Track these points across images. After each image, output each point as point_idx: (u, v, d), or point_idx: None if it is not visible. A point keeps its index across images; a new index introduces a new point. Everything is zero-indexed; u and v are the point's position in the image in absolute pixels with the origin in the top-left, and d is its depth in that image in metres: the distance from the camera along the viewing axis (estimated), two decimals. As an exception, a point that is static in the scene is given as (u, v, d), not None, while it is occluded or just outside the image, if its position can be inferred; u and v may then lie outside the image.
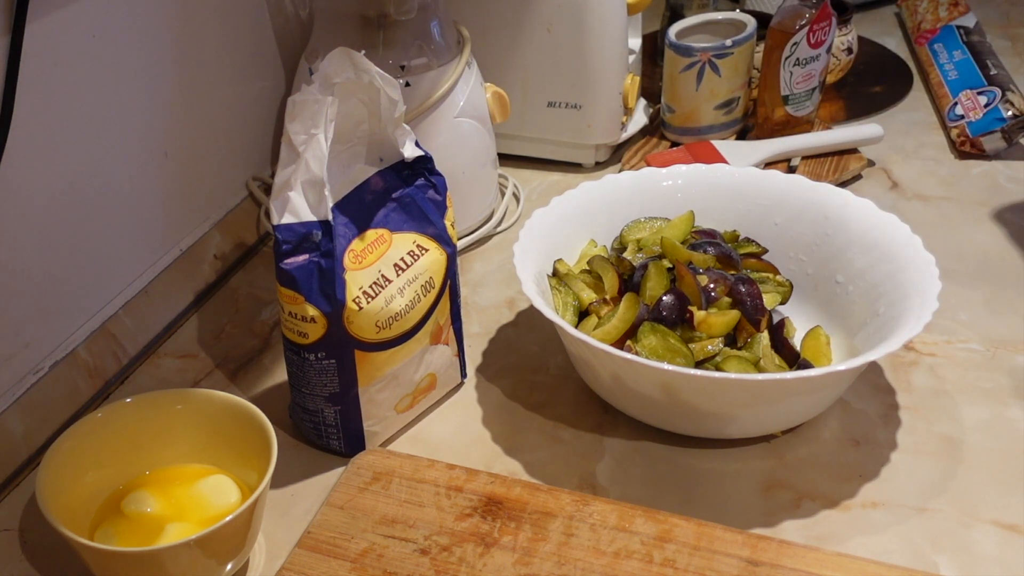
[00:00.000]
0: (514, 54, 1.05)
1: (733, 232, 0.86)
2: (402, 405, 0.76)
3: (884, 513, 0.70)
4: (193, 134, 0.92)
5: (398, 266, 0.72)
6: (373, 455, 0.74)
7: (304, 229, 0.68)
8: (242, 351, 0.87)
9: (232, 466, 0.69)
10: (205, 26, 0.91)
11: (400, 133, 0.73)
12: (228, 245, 0.97)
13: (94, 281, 0.82)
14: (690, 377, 0.68)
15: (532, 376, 0.83)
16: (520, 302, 0.91)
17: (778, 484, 0.72)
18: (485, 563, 0.65)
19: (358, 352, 0.70)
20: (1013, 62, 1.24)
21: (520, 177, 1.09)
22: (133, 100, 0.83)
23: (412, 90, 0.89)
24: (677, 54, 1.06)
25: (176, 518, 0.66)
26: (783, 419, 0.74)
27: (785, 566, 0.64)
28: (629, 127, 1.10)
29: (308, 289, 0.68)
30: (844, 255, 0.81)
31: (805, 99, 1.08)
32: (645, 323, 0.75)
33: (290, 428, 0.79)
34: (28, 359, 0.77)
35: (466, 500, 0.70)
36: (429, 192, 0.75)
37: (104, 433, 0.68)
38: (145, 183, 0.87)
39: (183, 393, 0.71)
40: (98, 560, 0.62)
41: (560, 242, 0.84)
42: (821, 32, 1.04)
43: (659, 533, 0.66)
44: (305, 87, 0.68)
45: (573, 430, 0.78)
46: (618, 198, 0.87)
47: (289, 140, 0.68)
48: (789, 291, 0.83)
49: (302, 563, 0.66)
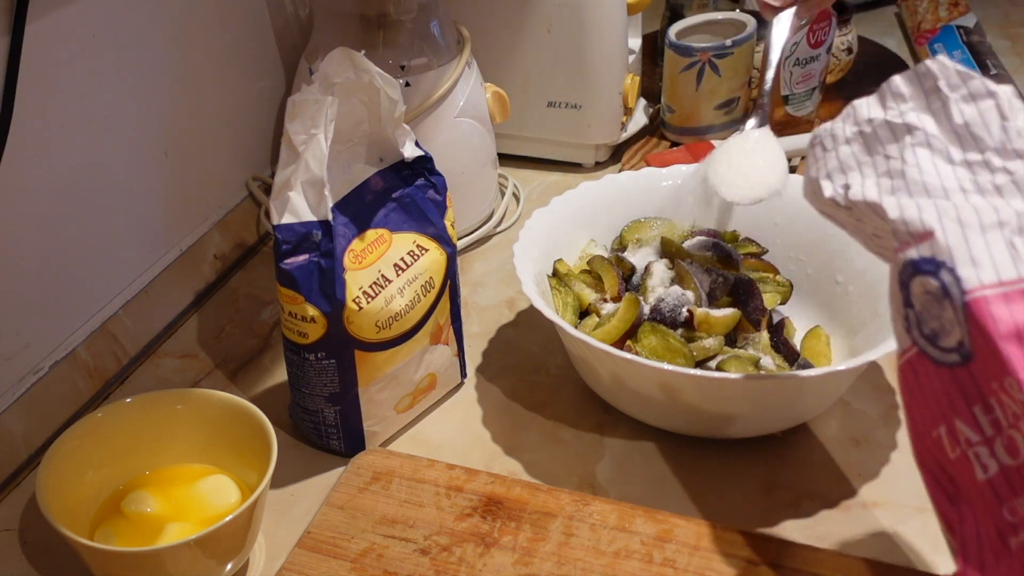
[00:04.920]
0: (514, 54, 1.05)
1: (733, 232, 0.86)
2: (402, 405, 0.76)
3: (884, 513, 0.70)
4: (193, 134, 0.92)
5: (398, 266, 0.72)
6: (373, 455, 0.74)
7: (304, 229, 0.68)
8: (242, 351, 0.87)
9: (232, 466, 0.69)
10: (205, 26, 0.91)
11: (400, 133, 0.73)
12: (228, 245, 0.97)
13: (94, 281, 0.82)
14: (690, 377, 0.68)
15: (532, 376, 0.83)
16: (520, 302, 0.91)
17: (778, 484, 0.72)
18: (485, 563, 0.65)
19: (358, 352, 0.70)
20: (1013, 62, 1.24)
21: (520, 177, 1.09)
22: (133, 100, 0.83)
23: (412, 90, 0.89)
24: (677, 54, 1.06)
25: (176, 518, 0.66)
26: (783, 419, 0.74)
27: (785, 566, 0.64)
28: (629, 127, 1.10)
29: (308, 289, 0.68)
30: (844, 255, 0.81)
31: (805, 99, 1.08)
32: (645, 323, 0.76)
33: (290, 428, 0.79)
34: (28, 359, 0.77)
35: (466, 500, 0.70)
36: (429, 192, 0.75)
37: (104, 433, 0.68)
38: (145, 183, 0.87)
39: (183, 393, 0.71)
40: (98, 560, 0.62)
41: (560, 242, 0.84)
42: (821, 32, 1.04)
43: (659, 533, 0.66)
44: (305, 87, 0.68)
45: (573, 430, 0.78)
46: (618, 198, 0.87)
47: (289, 140, 0.68)
48: (789, 291, 0.83)
49: (302, 563, 0.66)
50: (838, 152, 0.56)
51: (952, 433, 0.50)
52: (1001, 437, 0.48)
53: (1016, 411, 0.46)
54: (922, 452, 0.54)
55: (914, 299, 0.51)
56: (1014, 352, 0.46)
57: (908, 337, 0.52)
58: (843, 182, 0.56)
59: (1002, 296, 0.47)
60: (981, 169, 0.52)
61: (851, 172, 0.56)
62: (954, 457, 0.51)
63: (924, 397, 0.52)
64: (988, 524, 0.49)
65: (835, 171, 0.57)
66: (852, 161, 0.56)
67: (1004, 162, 0.51)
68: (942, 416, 0.51)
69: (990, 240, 0.48)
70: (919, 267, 0.50)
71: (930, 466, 0.53)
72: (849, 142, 0.56)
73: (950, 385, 0.50)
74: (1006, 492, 0.48)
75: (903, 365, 0.53)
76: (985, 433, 0.49)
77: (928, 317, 0.50)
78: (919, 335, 0.51)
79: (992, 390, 0.48)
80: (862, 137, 0.55)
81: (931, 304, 0.50)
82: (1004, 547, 0.48)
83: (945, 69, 0.53)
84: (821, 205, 0.58)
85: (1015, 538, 0.48)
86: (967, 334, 0.48)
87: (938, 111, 0.53)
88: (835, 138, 0.57)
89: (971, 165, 0.52)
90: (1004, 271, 0.47)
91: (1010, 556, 0.48)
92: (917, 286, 0.50)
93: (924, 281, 0.50)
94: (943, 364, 0.50)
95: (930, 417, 0.52)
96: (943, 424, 0.51)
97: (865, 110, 0.56)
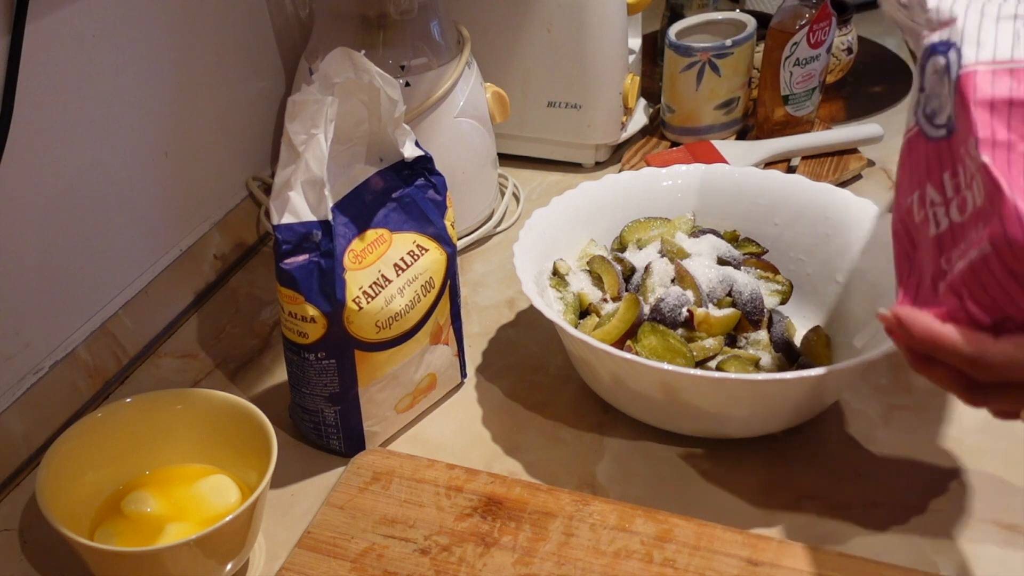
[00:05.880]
0: (514, 54, 1.05)
1: (733, 232, 0.86)
2: (402, 405, 0.76)
3: (884, 513, 0.70)
4: (193, 134, 0.92)
5: (398, 266, 0.72)
6: (373, 455, 0.74)
7: (304, 229, 0.68)
8: (242, 351, 0.87)
9: (232, 466, 0.69)
10: (205, 26, 0.91)
11: (400, 133, 0.73)
12: (228, 245, 0.97)
13: (94, 281, 0.82)
14: (690, 377, 0.68)
15: (532, 376, 0.83)
16: (520, 302, 0.91)
17: (778, 484, 0.72)
18: (485, 563, 0.65)
19: (358, 352, 0.70)
20: (1013, 62, 1.24)
21: (520, 177, 1.09)
22: (133, 100, 0.83)
23: (412, 90, 0.89)
24: (677, 54, 1.06)
25: (176, 518, 0.66)
26: (783, 419, 0.74)
27: (785, 566, 0.64)
28: (629, 127, 1.10)
29: (308, 289, 0.68)
30: (844, 255, 0.81)
31: (805, 99, 1.08)
32: (645, 323, 0.76)
33: (290, 428, 0.79)
34: (28, 359, 0.77)
35: (466, 500, 0.70)
36: (429, 192, 0.75)
37: (104, 433, 0.68)
38: (145, 183, 0.87)
39: (183, 393, 0.71)
40: (98, 560, 0.62)
41: (560, 242, 0.84)
42: (821, 32, 1.04)
43: (659, 533, 0.66)
44: (305, 87, 0.68)
45: (573, 430, 0.78)
46: (618, 198, 0.87)
47: (289, 140, 0.68)
48: (789, 291, 0.83)
49: (302, 563, 0.66)
50: None
51: (922, 198, 0.56)
52: (957, 198, 0.53)
53: (972, 171, 0.51)
54: (896, 221, 0.59)
55: (926, 81, 0.55)
56: (981, 116, 0.50)
57: (914, 117, 0.57)
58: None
59: (991, 72, 0.51)
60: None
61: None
62: (919, 220, 0.56)
63: (911, 168, 0.57)
64: (927, 273, 0.55)
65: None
66: None
67: None
68: (918, 183, 0.56)
69: (1001, 28, 0.52)
70: (935, 48, 0.54)
71: (899, 233, 0.59)
72: None
73: (932, 156, 0.55)
74: (948, 244, 0.54)
75: (905, 143, 0.58)
76: (946, 195, 0.54)
77: (932, 96, 0.55)
78: (922, 114, 0.56)
79: (960, 156, 0.52)
80: None
81: (936, 83, 0.54)
82: (934, 292, 0.54)
83: None
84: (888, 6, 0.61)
85: (943, 283, 0.53)
86: (952, 106, 0.52)
87: None
88: None
89: None
90: (1001, 52, 0.51)
91: (936, 297, 0.54)
92: (930, 67, 0.55)
93: (935, 60, 0.54)
94: (932, 139, 0.55)
95: (909, 186, 0.57)
96: (917, 191, 0.56)
97: None
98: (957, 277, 0.52)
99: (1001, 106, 0.50)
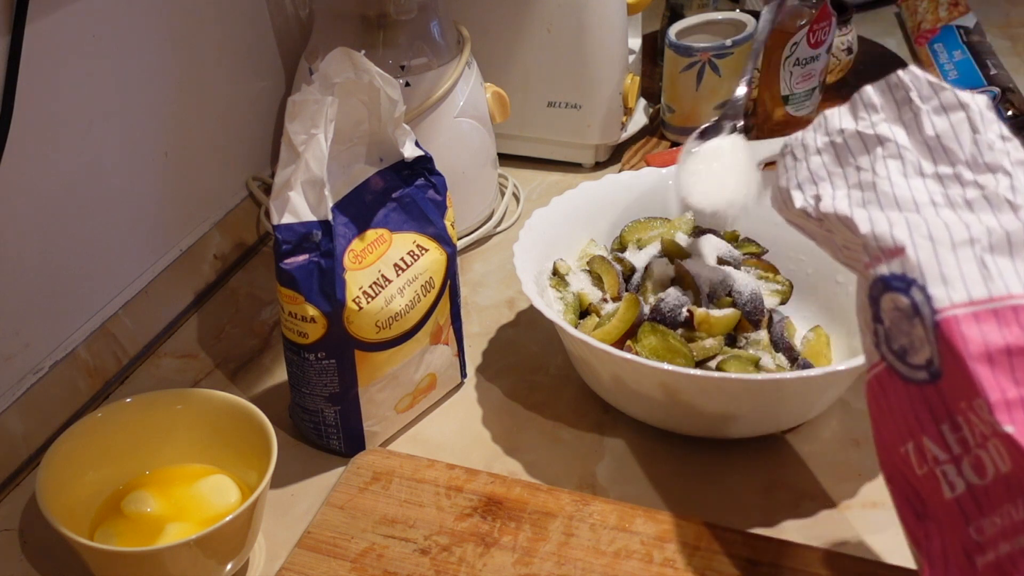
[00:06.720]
0: (514, 54, 1.05)
1: (733, 232, 0.86)
2: (402, 405, 0.76)
3: (884, 513, 0.70)
4: (193, 134, 0.92)
5: (398, 266, 0.72)
6: (373, 455, 0.74)
7: (304, 229, 0.68)
8: (242, 351, 0.87)
9: (232, 466, 0.69)
10: (205, 26, 0.91)
11: (400, 133, 0.73)
12: (228, 245, 0.97)
13: (94, 281, 0.82)
14: (690, 377, 0.68)
15: (532, 376, 0.83)
16: (520, 302, 0.91)
17: (778, 484, 0.72)
18: (485, 563, 0.65)
19: (358, 352, 0.70)
20: (1013, 62, 1.24)
21: (520, 177, 1.09)
22: (133, 100, 0.83)
23: (412, 90, 0.89)
24: (677, 54, 1.06)
25: (176, 518, 0.66)
26: (783, 419, 0.74)
27: (785, 566, 0.64)
28: (629, 127, 1.10)
29: (308, 289, 0.68)
30: (844, 255, 0.81)
31: (805, 99, 1.08)
32: (645, 323, 0.76)
33: (290, 428, 0.79)
34: (28, 359, 0.77)
35: (466, 500, 0.70)
36: (429, 192, 0.75)
37: (104, 433, 0.68)
38: (145, 183, 0.87)
39: (183, 393, 0.71)
40: (98, 560, 0.62)
41: (560, 242, 0.84)
42: (821, 32, 1.04)
43: (659, 533, 0.66)
44: (305, 87, 0.68)
45: (573, 430, 0.78)
46: (618, 198, 0.87)
47: (289, 140, 0.68)
48: (789, 291, 0.83)
49: (302, 563, 0.66)
50: (809, 162, 0.56)
51: (920, 450, 0.50)
52: (968, 456, 0.48)
53: (984, 431, 0.46)
54: (890, 468, 0.54)
55: (884, 315, 0.51)
56: (983, 373, 0.46)
57: (877, 352, 0.52)
58: (814, 193, 0.56)
59: (972, 316, 0.47)
60: (952, 183, 0.51)
61: (822, 183, 0.55)
62: (921, 474, 0.51)
63: (892, 413, 0.52)
64: (955, 542, 0.49)
65: (806, 181, 0.56)
66: (823, 172, 0.56)
67: (975, 176, 0.51)
68: (909, 433, 0.51)
69: (961, 257, 0.48)
70: (890, 284, 0.50)
71: (898, 482, 0.53)
72: (820, 152, 0.56)
73: (918, 402, 0.50)
74: (973, 511, 0.48)
75: (871, 380, 0.53)
76: (952, 451, 0.49)
77: (897, 333, 0.50)
78: (888, 351, 0.51)
79: (960, 409, 0.48)
80: (833, 148, 0.55)
81: (901, 321, 0.50)
82: (970, 566, 0.48)
83: (917, 80, 0.53)
84: (791, 215, 0.58)
85: (981, 557, 0.48)
86: (937, 352, 0.48)
87: (910, 122, 0.53)
88: (806, 148, 0.57)
89: (942, 178, 0.51)
90: (975, 290, 0.47)
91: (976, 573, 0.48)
92: (887, 302, 0.50)
93: (895, 298, 0.50)
94: (911, 381, 0.50)
95: (897, 433, 0.52)
96: (911, 441, 0.51)
97: (836, 120, 0.56)
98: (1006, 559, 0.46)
99: (1000, 357, 0.46)
